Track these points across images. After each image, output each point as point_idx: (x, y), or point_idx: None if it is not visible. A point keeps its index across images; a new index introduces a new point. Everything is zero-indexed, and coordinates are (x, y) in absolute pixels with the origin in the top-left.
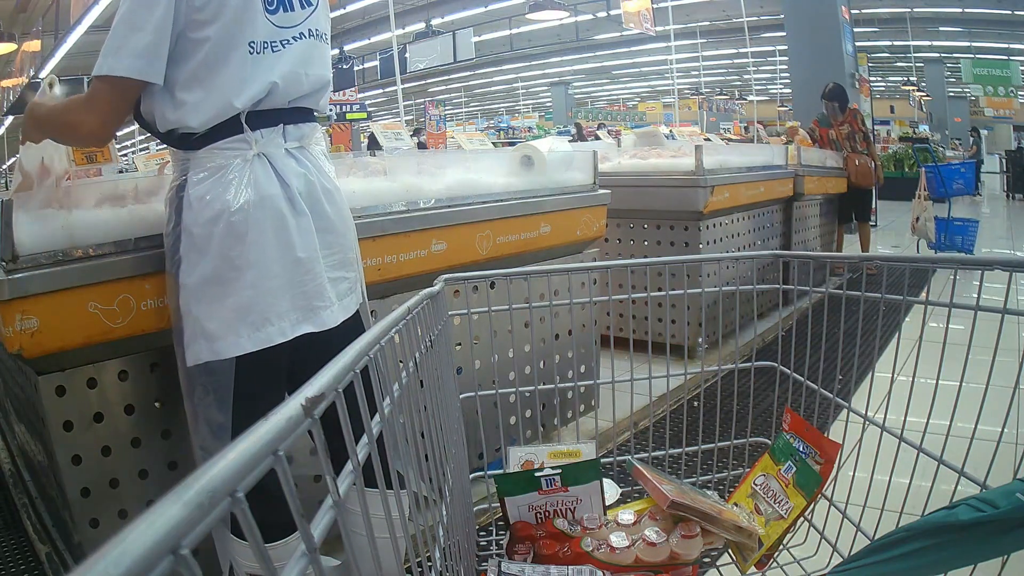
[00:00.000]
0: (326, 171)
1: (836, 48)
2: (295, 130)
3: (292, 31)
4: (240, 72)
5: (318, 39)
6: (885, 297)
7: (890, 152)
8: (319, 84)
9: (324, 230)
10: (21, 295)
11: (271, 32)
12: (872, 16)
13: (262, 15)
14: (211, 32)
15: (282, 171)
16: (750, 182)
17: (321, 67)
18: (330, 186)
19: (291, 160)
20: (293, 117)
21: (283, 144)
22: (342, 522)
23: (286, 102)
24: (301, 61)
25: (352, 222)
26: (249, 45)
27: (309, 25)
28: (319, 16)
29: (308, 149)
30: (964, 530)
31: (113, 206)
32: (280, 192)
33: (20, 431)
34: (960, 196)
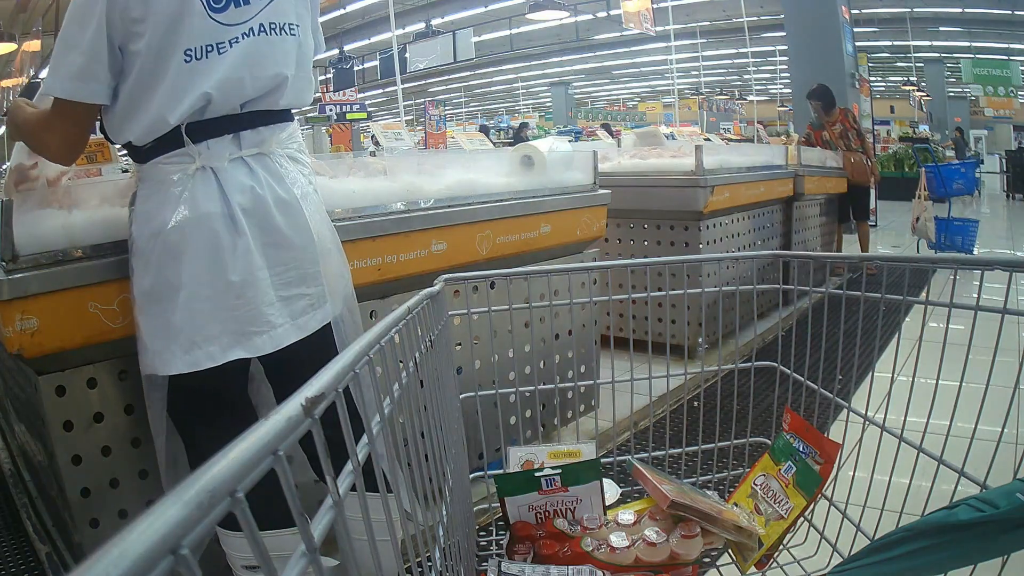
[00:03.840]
0: (289, 179)
1: (836, 48)
2: (253, 135)
3: (240, 28)
4: (174, 83)
5: (272, 33)
6: (885, 297)
7: (890, 152)
8: (273, 83)
9: (275, 245)
10: (21, 295)
11: (214, 33)
12: (872, 16)
13: (202, 17)
14: (142, 44)
15: (226, 185)
16: (750, 182)
17: (275, 64)
18: (288, 196)
19: (240, 172)
20: (250, 121)
21: (236, 153)
22: (342, 522)
23: (236, 107)
24: (244, 62)
25: (321, 233)
26: (185, 53)
27: (261, 19)
28: (279, 6)
29: (270, 155)
30: (964, 530)
31: (113, 206)
32: (219, 210)
33: (20, 431)
34: (960, 196)
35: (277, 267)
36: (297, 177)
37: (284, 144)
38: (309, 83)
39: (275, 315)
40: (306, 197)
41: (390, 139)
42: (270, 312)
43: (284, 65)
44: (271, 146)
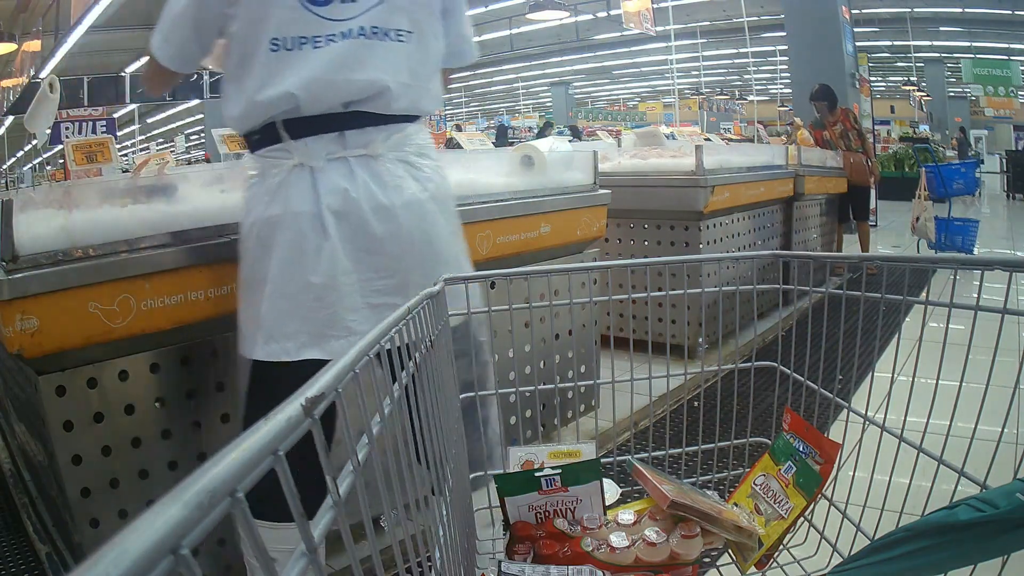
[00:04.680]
0: (393, 183)
1: (836, 48)
2: (359, 135)
3: (341, 25)
4: (261, 72)
5: (375, 37)
6: (885, 297)
7: (890, 152)
8: (370, 90)
9: (367, 251)
10: (21, 295)
11: (310, 26)
12: (872, 16)
13: (293, 7)
14: (235, 28)
15: (319, 186)
16: (750, 182)
17: (373, 70)
18: (388, 202)
19: (337, 172)
20: (356, 121)
21: (337, 153)
22: (342, 522)
23: (336, 106)
24: (337, 64)
25: (429, 242)
26: (271, 42)
27: (364, 22)
28: (388, 11)
29: (377, 157)
30: (964, 530)
31: (113, 206)
32: (308, 210)
33: (20, 431)
34: (960, 196)
35: (368, 273)
36: (406, 182)
37: (397, 147)
38: (428, 92)
39: (357, 322)
40: (412, 204)
41: None
42: (351, 318)
43: (384, 72)
44: (379, 148)
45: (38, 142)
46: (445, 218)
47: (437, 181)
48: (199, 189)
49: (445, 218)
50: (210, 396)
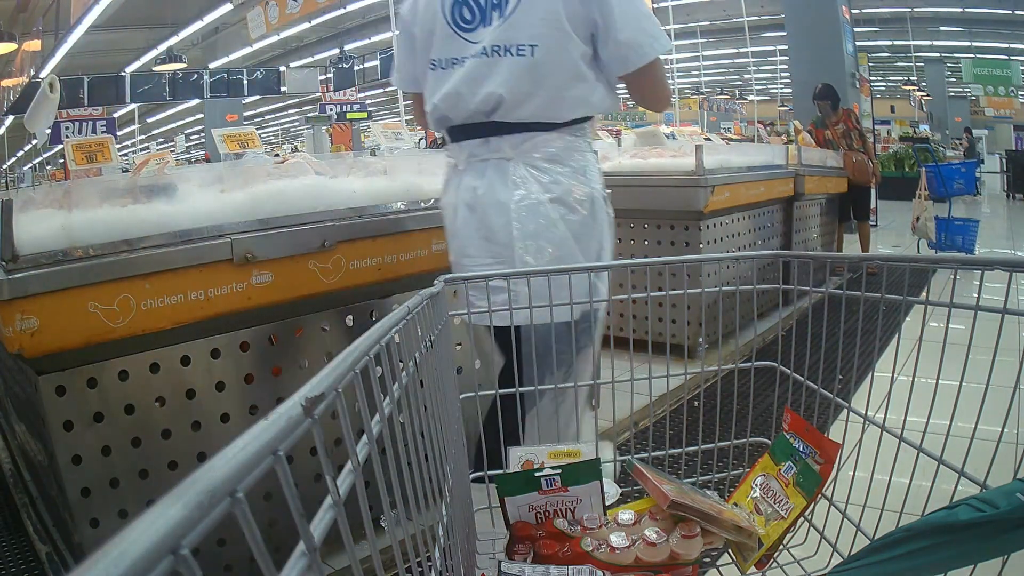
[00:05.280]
0: (512, 184)
1: (836, 48)
2: (497, 141)
3: (476, 47)
4: (428, 87)
5: (494, 55)
6: (885, 297)
7: (890, 152)
8: (488, 101)
9: (487, 239)
10: (21, 295)
11: (459, 48)
12: (872, 16)
13: (447, 34)
14: (420, 52)
15: (461, 183)
16: (750, 182)
17: (489, 84)
18: (505, 200)
19: (473, 173)
20: (496, 130)
21: (481, 156)
22: (342, 522)
23: (484, 115)
24: (464, 80)
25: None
26: (431, 62)
27: (487, 42)
28: (509, 29)
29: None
30: (964, 530)
31: (113, 206)
32: (452, 201)
33: (20, 431)
34: (960, 196)
35: (486, 259)
36: (528, 184)
37: (527, 152)
38: (562, 99)
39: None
40: (528, 203)
41: (390, 139)
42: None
43: (500, 85)
44: (509, 153)
45: (38, 142)
46: (564, 220)
47: (567, 186)
48: (199, 189)
49: (564, 220)
50: (210, 396)
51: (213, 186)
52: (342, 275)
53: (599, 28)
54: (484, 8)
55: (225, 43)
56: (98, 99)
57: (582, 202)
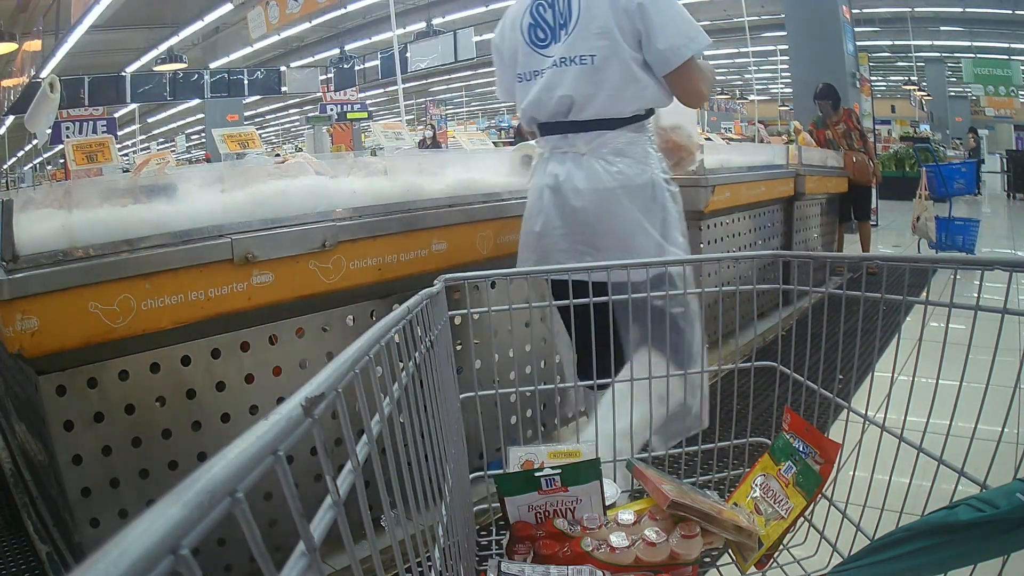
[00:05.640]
0: (590, 172)
1: (837, 47)
2: (574, 138)
3: (551, 59)
4: (518, 96)
5: (564, 65)
6: (885, 297)
7: (891, 152)
8: (561, 104)
9: (569, 216)
10: (21, 295)
11: (538, 62)
12: (873, 16)
13: (527, 51)
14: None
15: (545, 170)
16: (751, 182)
17: (561, 89)
18: (582, 186)
19: (556, 162)
20: (572, 128)
21: (562, 148)
22: (342, 522)
23: (562, 115)
24: (543, 87)
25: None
26: (517, 75)
27: (561, 54)
28: (575, 41)
29: (584, 154)
30: (964, 530)
31: (113, 205)
32: (540, 184)
33: (21, 431)
34: (961, 195)
35: (569, 228)
36: (599, 174)
37: (597, 147)
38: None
39: (564, 258)
40: (600, 189)
41: (390, 139)
42: (558, 255)
43: (570, 89)
44: (582, 148)
45: (38, 142)
46: (632, 202)
47: (628, 174)
48: (199, 189)
49: (632, 202)
50: (211, 396)
51: (213, 186)
52: (343, 275)
53: (643, 36)
54: (553, 28)
55: (225, 43)
56: (98, 99)
57: (644, 186)
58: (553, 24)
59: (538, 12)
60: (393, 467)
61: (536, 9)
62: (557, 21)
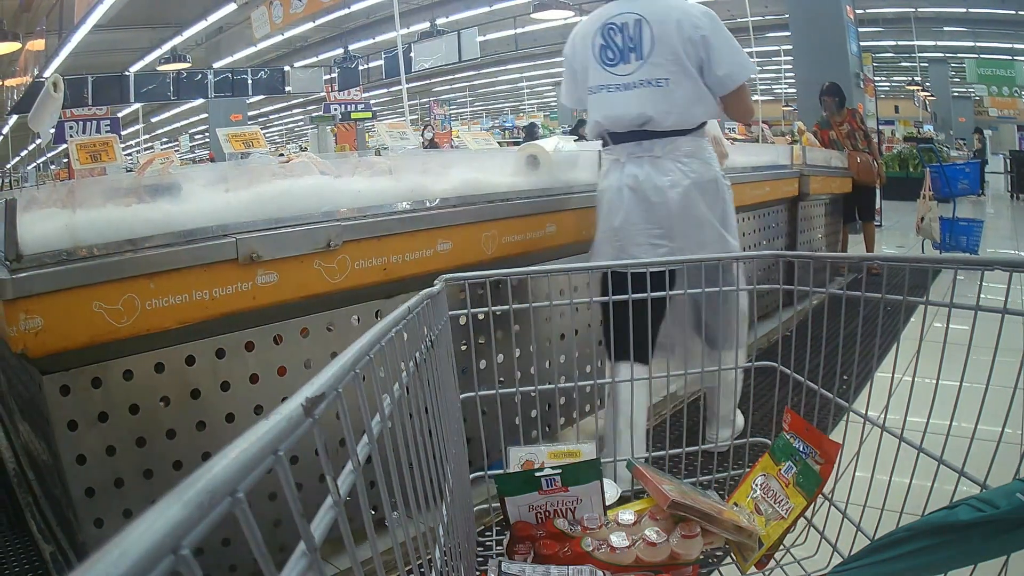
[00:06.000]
0: (664, 173)
1: (841, 48)
2: (648, 144)
3: (624, 79)
4: (590, 107)
5: (642, 87)
6: (885, 297)
7: (895, 152)
8: (640, 119)
9: (648, 212)
10: (25, 295)
11: (608, 79)
12: (876, 16)
13: (598, 69)
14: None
15: (623, 172)
16: (755, 182)
17: (639, 107)
18: (660, 184)
19: (634, 165)
20: (647, 135)
21: (637, 153)
22: (342, 522)
23: (622, 128)
24: (620, 103)
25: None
26: (589, 89)
27: (635, 78)
28: (652, 67)
29: (660, 158)
30: (964, 530)
31: (117, 205)
32: (616, 185)
33: (24, 430)
34: (965, 196)
35: (648, 225)
36: (674, 174)
37: (670, 152)
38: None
39: (639, 252)
40: (675, 186)
41: (395, 138)
42: (636, 249)
43: (648, 108)
44: (658, 152)
45: (42, 141)
46: (704, 198)
47: (700, 172)
48: (203, 188)
49: (704, 198)
50: (215, 395)
51: (218, 185)
52: (348, 275)
53: (704, 63)
54: (623, 50)
55: (229, 43)
56: (102, 99)
57: (709, 182)
58: (623, 47)
59: (608, 35)
60: (394, 467)
61: (607, 32)
62: (627, 45)
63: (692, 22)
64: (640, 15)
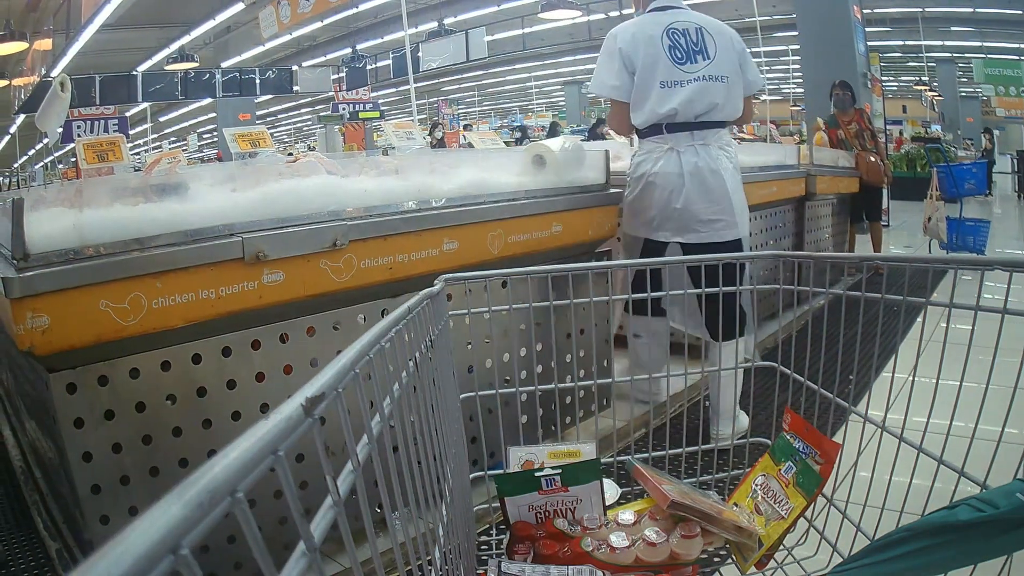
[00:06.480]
0: (714, 159)
1: (848, 47)
2: (701, 134)
3: (693, 74)
4: (656, 98)
5: (710, 80)
6: (886, 297)
7: (903, 152)
8: (709, 107)
9: (706, 192)
10: (32, 293)
11: (679, 75)
12: (884, 16)
13: (668, 65)
14: (638, 76)
15: (682, 159)
16: (762, 182)
17: (711, 98)
18: (715, 167)
19: (690, 153)
20: (699, 126)
21: (691, 143)
22: (342, 522)
23: (692, 117)
24: (695, 94)
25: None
26: (660, 83)
27: (703, 72)
28: (718, 65)
29: (709, 146)
30: (964, 530)
31: (124, 204)
32: (676, 171)
33: (31, 428)
34: (972, 196)
35: (706, 203)
36: (722, 160)
37: (716, 140)
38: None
39: (700, 227)
40: (725, 170)
41: (401, 138)
42: (696, 225)
43: (716, 98)
44: (709, 141)
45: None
46: (736, 178)
47: (734, 159)
48: (210, 188)
49: (736, 178)
50: (221, 394)
51: (224, 185)
52: (353, 274)
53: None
54: (688, 51)
55: (237, 42)
56: (110, 98)
57: (737, 166)
58: (687, 48)
59: (673, 37)
60: (393, 467)
61: (671, 34)
62: (691, 47)
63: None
64: (698, 24)
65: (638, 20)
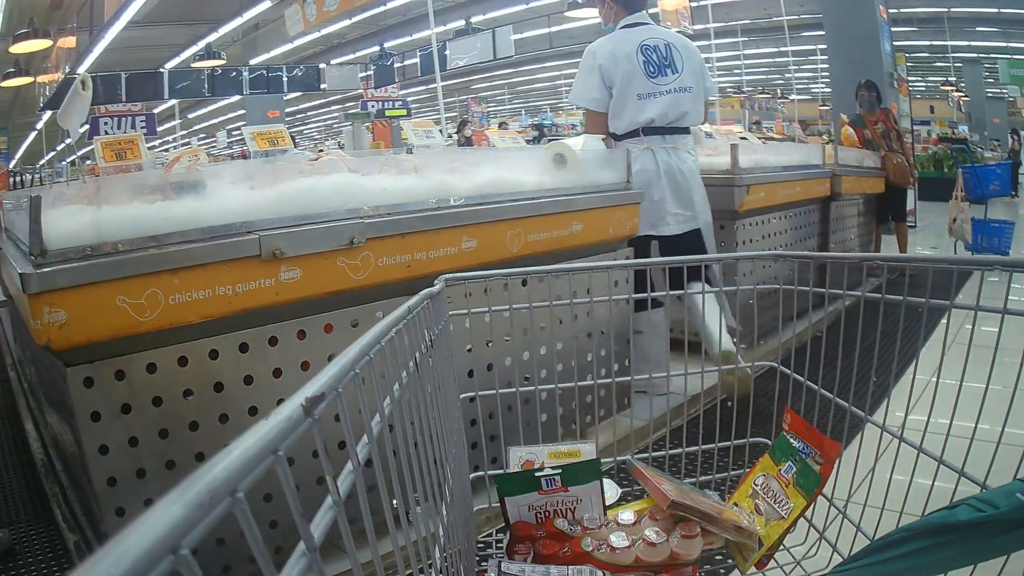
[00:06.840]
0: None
1: (874, 47)
2: (672, 138)
3: (665, 87)
4: (633, 109)
5: (680, 92)
6: (885, 298)
7: (930, 152)
8: (680, 115)
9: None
10: (49, 289)
11: (652, 87)
12: (910, 16)
13: (643, 80)
14: (616, 89)
15: (657, 158)
16: (786, 181)
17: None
18: (684, 168)
19: (663, 154)
20: (671, 131)
21: (663, 145)
22: (342, 522)
23: (666, 124)
24: (668, 105)
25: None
26: (636, 96)
27: (676, 84)
28: (685, 77)
29: (678, 149)
30: (964, 530)
31: (143, 201)
32: (652, 168)
33: (53, 421)
34: (997, 197)
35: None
36: (688, 161)
37: (685, 144)
38: (699, 114)
39: (671, 219)
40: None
41: (420, 137)
42: (668, 218)
43: (685, 107)
44: (678, 144)
45: (71, 139)
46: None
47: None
48: (228, 185)
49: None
50: (238, 389)
51: (243, 183)
52: (371, 272)
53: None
54: (659, 65)
55: (265, 40)
56: (136, 95)
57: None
58: (659, 63)
59: (646, 53)
60: (393, 467)
61: (644, 51)
62: (662, 62)
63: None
64: (667, 40)
65: (613, 37)
